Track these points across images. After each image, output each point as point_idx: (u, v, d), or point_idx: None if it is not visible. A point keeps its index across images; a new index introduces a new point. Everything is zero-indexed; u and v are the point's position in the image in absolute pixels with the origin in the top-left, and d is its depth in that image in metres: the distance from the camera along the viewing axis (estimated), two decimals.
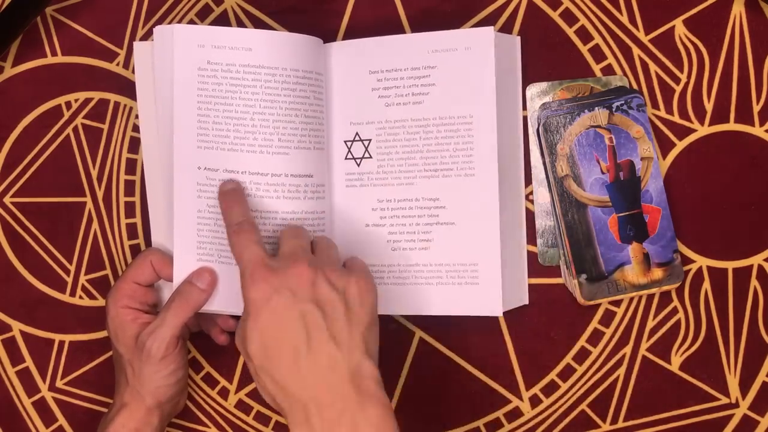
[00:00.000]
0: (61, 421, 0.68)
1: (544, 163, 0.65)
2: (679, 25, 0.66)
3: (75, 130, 0.68)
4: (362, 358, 0.53)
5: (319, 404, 0.52)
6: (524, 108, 0.66)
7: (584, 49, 0.66)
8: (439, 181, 0.63)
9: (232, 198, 0.59)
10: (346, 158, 0.65)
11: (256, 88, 0.61)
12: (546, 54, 0.66)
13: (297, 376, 0.52)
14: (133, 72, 0.67)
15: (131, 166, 0.68)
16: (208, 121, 0.61)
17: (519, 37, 0.66)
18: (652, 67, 0.66)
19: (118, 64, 0.68)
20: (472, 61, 0.63)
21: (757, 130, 0.66)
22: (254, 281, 0.53)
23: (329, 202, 0.64)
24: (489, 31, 0.62)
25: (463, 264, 0.63)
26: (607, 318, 0.66)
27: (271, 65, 0.61)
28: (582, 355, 0.66)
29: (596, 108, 0.64)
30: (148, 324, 0.59)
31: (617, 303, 0.66)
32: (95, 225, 0.68)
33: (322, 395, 0.52)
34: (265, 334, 0.53)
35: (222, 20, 0.68)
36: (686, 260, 0.65)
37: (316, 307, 0.53)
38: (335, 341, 0.52)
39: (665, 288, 0.64)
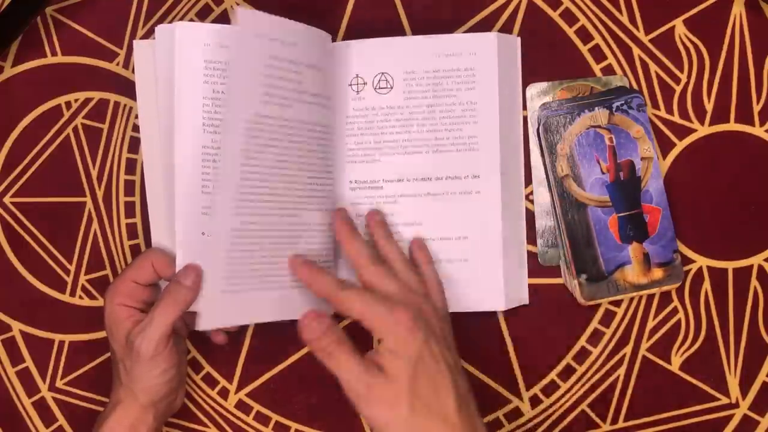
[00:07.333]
0: (61, 421, 0.68)
1: (544, 163, 0.65)
2: (679, 25, 0.66)
3: (75, 130, 0.68)
4: None
5: None
6: (524, 108, 0.66)
7: (584, 49, 0.66)
8: (442, 182, 0.63)
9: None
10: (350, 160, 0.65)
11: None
12: (546, 54, 0.66)
13: None
14: (133, 72, 0.67)
15: (131, 166, 0.68)
16: (215, 121, 0.60)
17: (519, 38, 0.66)
18: (652, 67, 0.66)
19: (118, 64, 0.68)
20: (476, 67, 0.63)
21: (757, 130, 0.66)
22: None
23: (332, 202, 0.64)
24: (492, 37, 0.63)
25: (465, 263, 0.63)
26: (607, 318, 0.66)
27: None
28: (582, 355, 0.66)
29: (596, 108, 0.64)
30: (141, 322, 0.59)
31: (617, 303, 0.66)
32: (95, 225, 0.68)
33: None
34: None
35: (222, 20, 0.68)
36: (686, 260, 0.65)
37: None
38: None
39: (665, 288, 0.64)
